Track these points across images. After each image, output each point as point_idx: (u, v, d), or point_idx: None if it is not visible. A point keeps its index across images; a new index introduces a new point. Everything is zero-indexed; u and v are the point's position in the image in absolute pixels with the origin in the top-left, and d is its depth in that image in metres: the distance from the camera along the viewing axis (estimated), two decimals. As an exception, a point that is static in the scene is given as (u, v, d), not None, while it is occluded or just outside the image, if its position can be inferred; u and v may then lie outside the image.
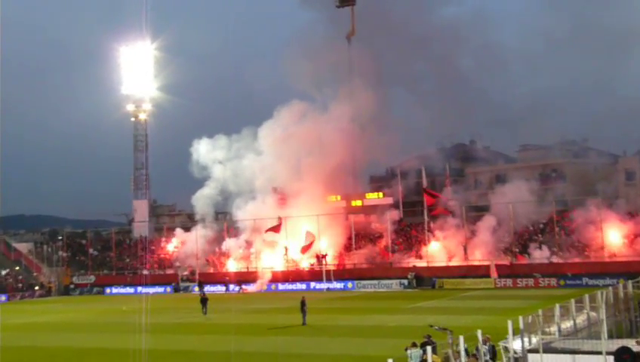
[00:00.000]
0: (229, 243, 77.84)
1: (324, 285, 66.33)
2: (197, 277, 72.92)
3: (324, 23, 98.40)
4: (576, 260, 61.41)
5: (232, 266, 76.24)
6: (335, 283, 66.88)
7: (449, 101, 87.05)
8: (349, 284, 66.66)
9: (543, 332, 20.11)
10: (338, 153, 76.93)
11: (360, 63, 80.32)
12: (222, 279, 72.23)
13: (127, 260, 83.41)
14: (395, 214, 73.49)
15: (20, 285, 78.57)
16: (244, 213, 77.87)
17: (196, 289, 68.26)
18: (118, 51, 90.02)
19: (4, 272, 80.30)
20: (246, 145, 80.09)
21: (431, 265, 66.64)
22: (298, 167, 76.97)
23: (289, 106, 79.29)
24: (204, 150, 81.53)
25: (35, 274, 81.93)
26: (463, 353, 18.55)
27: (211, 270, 76.68)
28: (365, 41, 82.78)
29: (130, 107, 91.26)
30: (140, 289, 71.68)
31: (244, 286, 69.51)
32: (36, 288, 78.60)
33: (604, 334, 18.59)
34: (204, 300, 49.67)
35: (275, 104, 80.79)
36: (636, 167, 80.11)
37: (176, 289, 73.55)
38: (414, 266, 66.75)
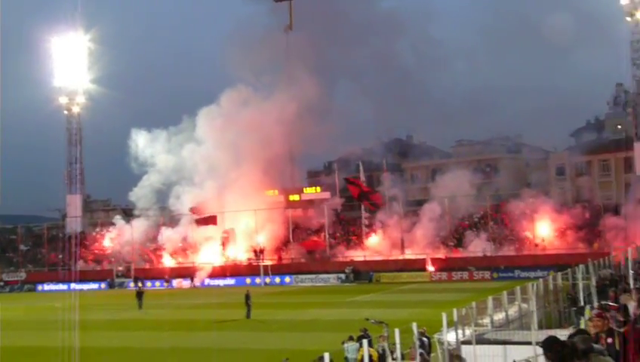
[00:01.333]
0: (165, 237, 76.70)
1: (261, 280, 66.10)
2: (132, 272, 71.80)
3: (264, 16, 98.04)
4: (509, 253, 62.75)
5: (169, 261, 75.30)
6: (273, 277, 66.73)
7: (388, 95, 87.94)
8: (287, 279, 66.64)
9: (476, 324, 20.40)
10: (277, 143, 76.55)
11: (300, 55, 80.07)
12: (159, 275, 71.29)
13: (60, 256, 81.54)
14: (333, 207, 73.81)
15: (-53, 282, 76.20)
16: (182, 206, 77.06)
17: (131, 284, 67.18)
18: (49, 42, 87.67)
19: None
20: (187, 136, 79.18)
21: (368, 259, 67.11)
22: (237, 156, 76.18)
23: (231, 92, 78.60)
24: (143, 143, 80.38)
25: (-38, 271, 79.51)
26: (398, 346, 18.69)
27: (147, 265, 75.59)
28: (305, 34, 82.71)
29: (62, 100, 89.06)
30: (73, 285, 70.12)
31: (181, 281, 68.73)
32: (-36, 285, 76.31)
33: (535, 325, 19.01)
34: (139, 294, 49.48)
35: (215, 96, 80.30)
36: (566, 162, 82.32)
37: (111, 286, 72.32)
38: (352, 260, 67.15)
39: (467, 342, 19.02)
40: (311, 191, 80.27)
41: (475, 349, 18.24)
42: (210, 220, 72.66)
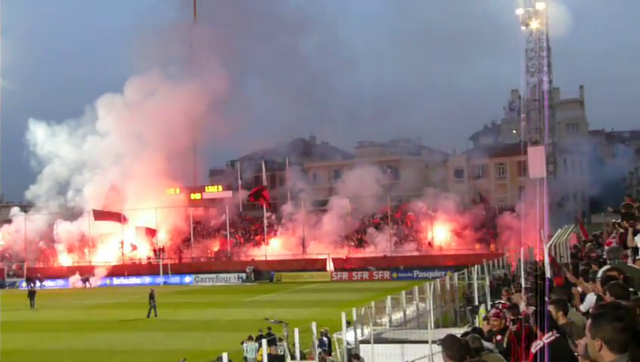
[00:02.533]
0: (61, 231, 74.05)
1: (161, 279, 64.98)
2: (25, 271, 69.13)
3: (168, 8, 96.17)
4: (409, 254, 64.00)
5: (65, 260, 72.94)
6: (173, 277, 65.75)
7: (293, 94, 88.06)
8: (187, 278, 65.78)
9: (375, 324, 20.73)
10: (181, 136, 75.25)
11: (206, 48, 78.91)
12: (55, 274, 68.91)
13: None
14: (233, 207, 73.43)
15: None
16: (82, 201, 74.89)
17: (23, 284, 64.65)
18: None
19: None
20: (89, 129, 76.89)
21: (269, 258, 67.06)
22: (140, 149, 74.37)
23: (135, 80, 76.52)
24: (42, 137, 77.60)
25: None
26: (297, 345, 18.76)
27: (41, 264, 72.95)
28: (212, 26, 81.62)
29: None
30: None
31: (76, 281, 66.67)
32: None
33: (431, 324, 19.46)
34: (31, 293, 48.68)
35: (120, 88, 78.34)
36: (464, 165, 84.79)
37: (2, 285, 69.40)
38: (253, 260, 66.95)
39: (366, 342, 19.30)
40: (213, 190, 79.53)
41: (374, 348, 18.52)
42: (111, 216, 70.86)
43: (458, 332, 11.23)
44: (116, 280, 66.93)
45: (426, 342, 16.73)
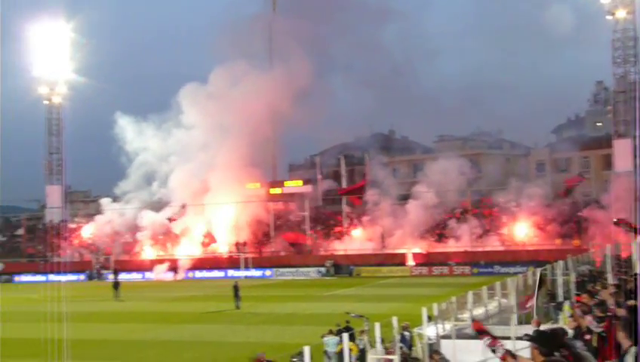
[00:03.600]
0: (146, 222, 75.85)
1: (242, 273, 65.94)
2: (112, 264, 71.32)
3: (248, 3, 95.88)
4: (489, 248, 63.03)
5: (150, 252, 74.81)
6: (253, 270, 66.64)
7: (373, 87, 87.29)
8: (268, 272, 66.54)
9: (456, 319, 20.49)
10: (262, 130, 75.79)
11: (287, 40, 78.85)
12: (139, 267, 70.87)
13: (40, 247, 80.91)
14: (314, 201, 73.88)
15: None
16: (168, 193, 76.55)
17: (110, 276, 66.58)
18: (29, 31, 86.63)
19: None
20: (174, 122, 78.46)
21: (349, 253, 67.19)
22: (222, 141, 75.42)
23: (220, 69, 77.04)
24: (130, 132, 79.62)
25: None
26: (378, 340, 18.71)
27: (127, 257, 75.12)
28: (291, 19, 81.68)
29: (42, 90, 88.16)
30: (51, 277, 69.52)
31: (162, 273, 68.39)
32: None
33: (514, 320, 19.10)
34: (116, 284, 51.02)
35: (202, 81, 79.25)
36: (547, 158, 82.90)
37: (91, 277, 71.85)
38: (332, 254, 67.22)
39: (447, 337, 19.11)
40: (292, 185, 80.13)
41: (455, 344, 18.32)
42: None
43: (542, 329, 11.05)
44: (198, 273, 68.32)
45: (508, 338, 16.45)
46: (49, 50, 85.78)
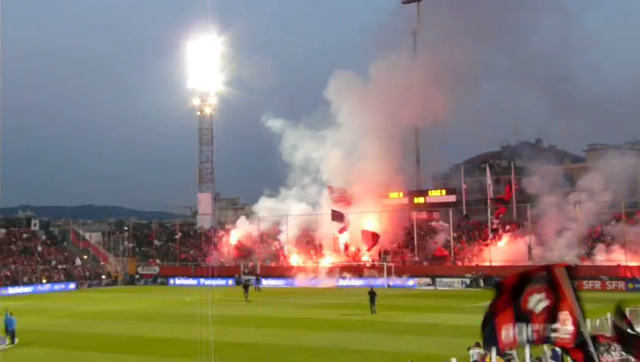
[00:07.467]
0: (290, 224, 77.56)
1: (384, 281, 65.91)
2: (258, 270, 73.35)
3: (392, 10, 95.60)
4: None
5: (294, 259, 76.30)
6: (395, 279, 66.45)
7: (524, 94, 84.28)
8: (410, 282, 66.15)
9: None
10: (407, 138, 75.46)
11: (428, 59, 78.04)
12: (283, 274, 72.48)
13: (192, 252, 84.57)
14: (457, 211, 72.88)
15: (88, 274, 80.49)
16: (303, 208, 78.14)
17: (245, 279, 68.11)
18: (185, 46, 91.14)
19: (79, 262, 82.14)
20: (326, 127, 79.59)
21: (494, 264, 65.61)
22: (368, 149, 75.52)
23: (380, 60, 77.16)
24: (287, 140, 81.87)
25: (102, 263, 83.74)
26: (527, 355, 18.19)
27: (272, 263, 77.05)
28: (435, 36, 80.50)
29: (195, 101, 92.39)
30: (202, 281, 72.50)
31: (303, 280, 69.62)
32: (103, 277, 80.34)
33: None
34: (245, 286, 57.58)
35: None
36: None
37: (238, 282, 74.08)
38: (477, 265, 65.92)
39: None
40: (436, 194, 79.32)
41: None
42: (341, 218, 73.13)
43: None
44: (341, 281, 68.90)
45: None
46: (201, 64, 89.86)
